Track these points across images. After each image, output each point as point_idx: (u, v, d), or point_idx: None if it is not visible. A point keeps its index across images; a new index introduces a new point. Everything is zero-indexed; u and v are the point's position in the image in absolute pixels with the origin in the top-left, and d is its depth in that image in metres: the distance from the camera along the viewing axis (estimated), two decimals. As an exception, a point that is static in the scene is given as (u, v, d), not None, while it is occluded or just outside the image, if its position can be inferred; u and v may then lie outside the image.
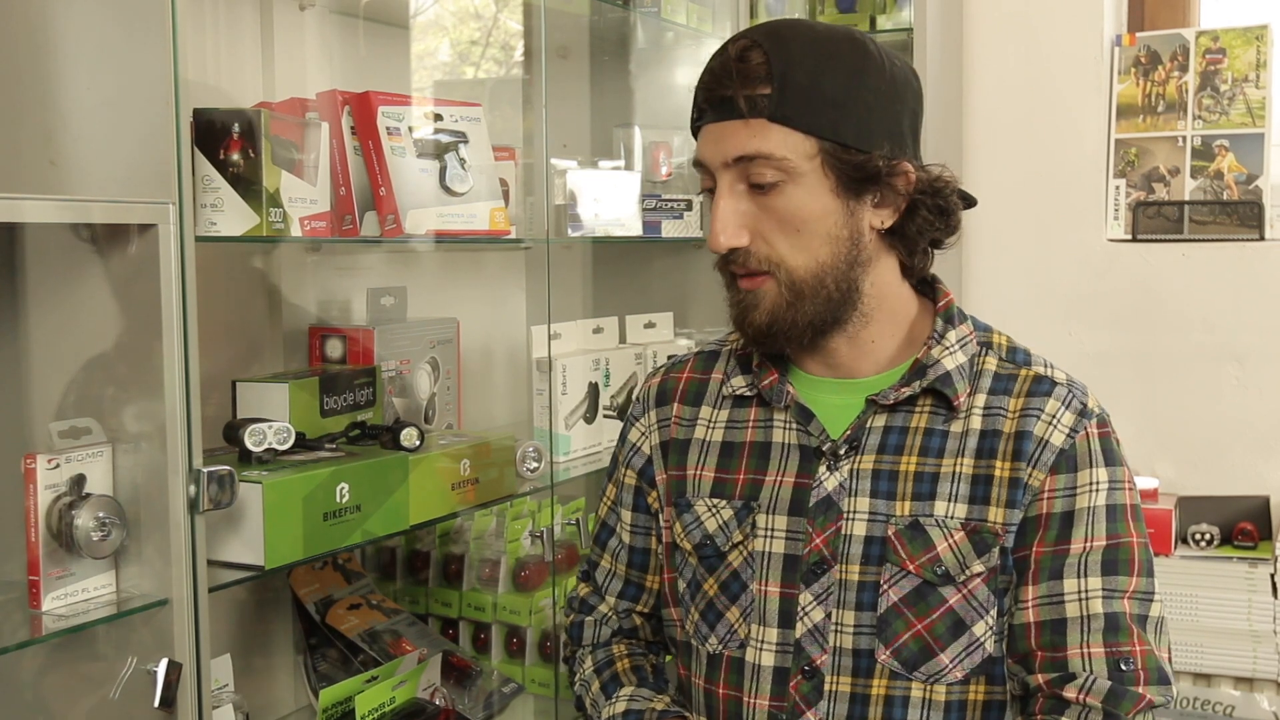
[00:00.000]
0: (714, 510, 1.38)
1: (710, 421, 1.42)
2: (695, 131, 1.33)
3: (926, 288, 1.40)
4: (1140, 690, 1.24)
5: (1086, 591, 1.27)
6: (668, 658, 1.54)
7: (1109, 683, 1.24)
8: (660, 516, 1.45)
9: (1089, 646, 1.26)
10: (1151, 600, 1.29)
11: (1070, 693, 1.24)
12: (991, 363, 1.35)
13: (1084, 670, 1.25)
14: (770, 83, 1.24)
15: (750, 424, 1.39)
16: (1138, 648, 1.26)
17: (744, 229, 1.28)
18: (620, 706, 1.41)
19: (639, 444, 1.48)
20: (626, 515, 1.49)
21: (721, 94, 1.26)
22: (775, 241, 1.28)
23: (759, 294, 1.30)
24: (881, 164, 1.26)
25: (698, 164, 1.32)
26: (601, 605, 1.52)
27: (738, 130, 1.26)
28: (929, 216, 1.31)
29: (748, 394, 1.39)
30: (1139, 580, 1.28)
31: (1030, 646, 1.28)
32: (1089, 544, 1.28)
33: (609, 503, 1.52)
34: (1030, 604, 1.28)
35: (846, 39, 1.27)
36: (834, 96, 1.24)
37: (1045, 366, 1.35)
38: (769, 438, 1.37)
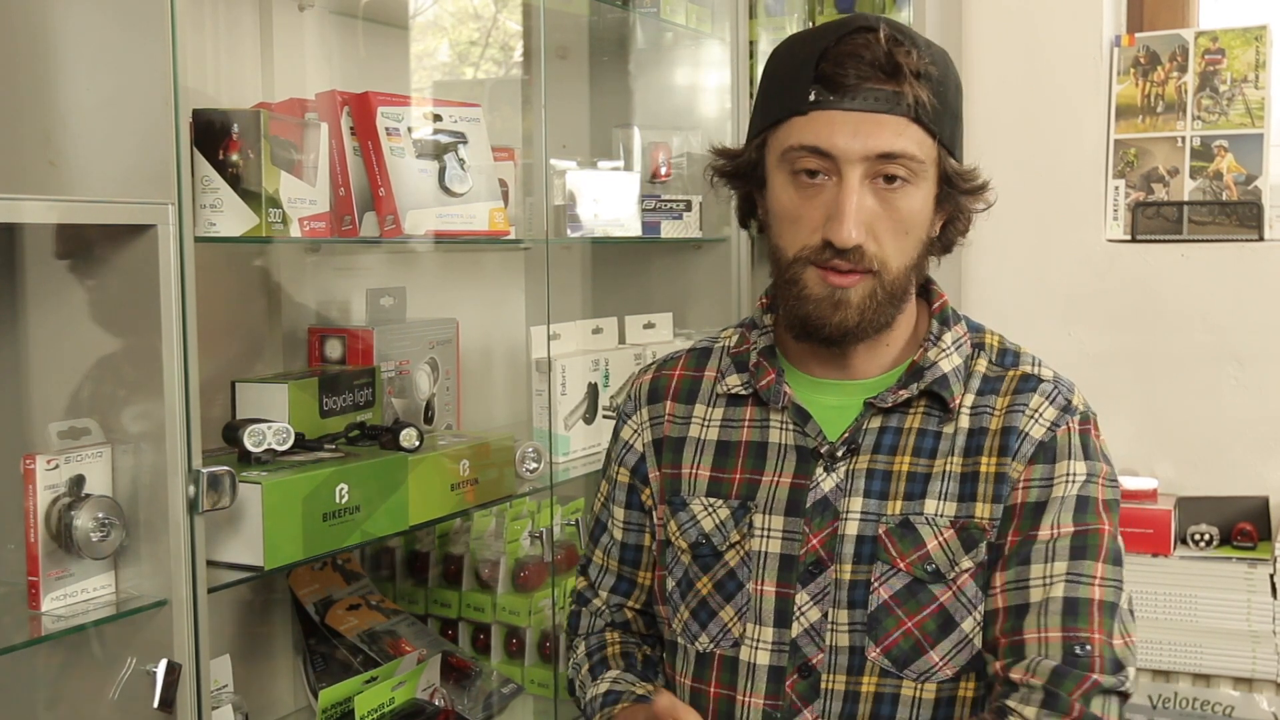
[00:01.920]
0: (710, 509, 1.38)
1: (705, 420, 1.42)
2: (794, 111, 1.27)
3: (921, 288, 1.41)
4: (1089, 673, 1.22)
5: (1051, 576, 1.27)
6: (664, 653, 1.54)
7: (1054, 663, 1.23)
8: (653, 514, 1.45)
9: (1046, 630, 1.25)
10: (1120, 589, 1.29)
11: (1017, 674, 1.24)
12: (982, 364, 1.37)
13: (1038, 653, 1.24)
14: (922, 82, 1.24)
15: (746, 423, 1.39)
16: (1096, 635, 1.24)
17: (864, 225, 1.26)
18: (603, 687, 1.42)
19: (631, 441, 1.48)
20: (619, 512, 1.49)
21: (876, 85, 1.23)
22: (885, 241, 1.27)
23: (850, 292, 1.27)
24: (980, 177, 1.32)
25: (812, 149, 1.26)
26: (596, 599, 1.53)
27: (887, 125, 1.24)
28: (965, 222, 1.36)
29: (743, 393, 1.39)
30: (1106, 567, 1.28)
31: (995, 634, 1.28)
32: (1056, 530, 1.28)
33: (602, 499, 1.52)
34: (999, 590, 1.29)
35: (944, 49, 1.31)
36: (951, 105, 1.29)
37: (1033, 365, 1.37)
38: (765, 438, 1.37)
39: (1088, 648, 1.24)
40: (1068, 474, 1.30)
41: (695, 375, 1.45)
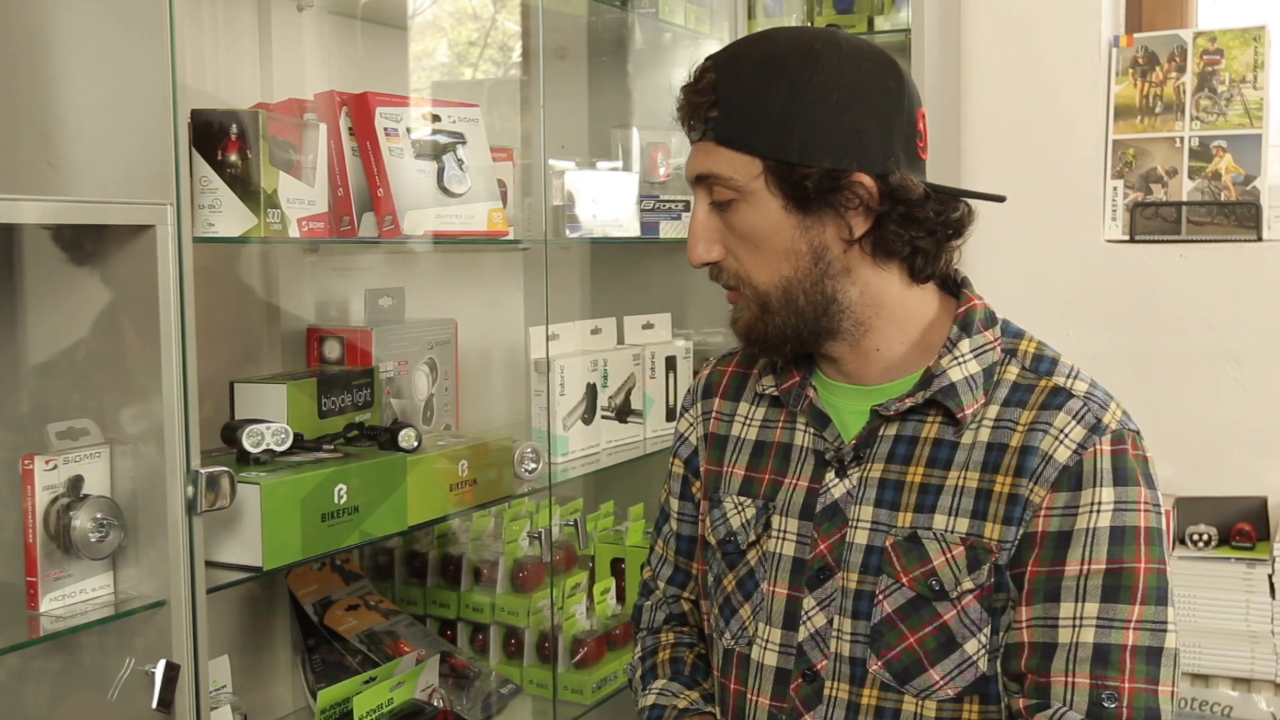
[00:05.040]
0: (740, 508, 1.39)
1: (746, 419, 1.43)
2: None
3: (955, 292, 1.37)
4: None
5: (1081, 618, 1.21)
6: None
7: (1079, 716, 1.18)
8: (701, 506, 1.48)
9: (1074, 675, 1.20)
10: (1163, 631, 1.21)
11: None
12: (1012, 372, 1.31)
13: (1063, 701, 1.20)
14: (717, 105, 1.27)
15: (780, 425, 1.40)
16: (1127, 684, 1.18)
17: (716, 244, 1.31)
18: (649, 699, 1.45)
19: (687, 434, 1.50)
20: (675, 503, 1.52)
21: (683, 117, 1.31)
22: (741, 257, 1.30)
23: (738, 307, 1.33)
24: (822, 180, 1.24)
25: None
26: (657, 590, 1.56)
27: (698, 151, 1.30)
28: (897, 228, 1.27)
29: (775, 394, 1.40)
30: (1144, 609, 1.20)
31: (1021, 669, 1.23)
32: (1086, 566, 1.21)
33: (665, 490, 1.55)
34: (1024, 625, 1.24)
35: (798, 53, 1.25)
36: (774, 115, 1.24)
37: (1067, 378, 1.29)
38: (791, 440, 1.38)
39: (1117, 699, 1.18)
40: (1094, 502, 1.22)
41: (745, 372, 1.47)
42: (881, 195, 1.26)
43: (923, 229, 1.29)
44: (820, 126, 1.24)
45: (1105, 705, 1.18)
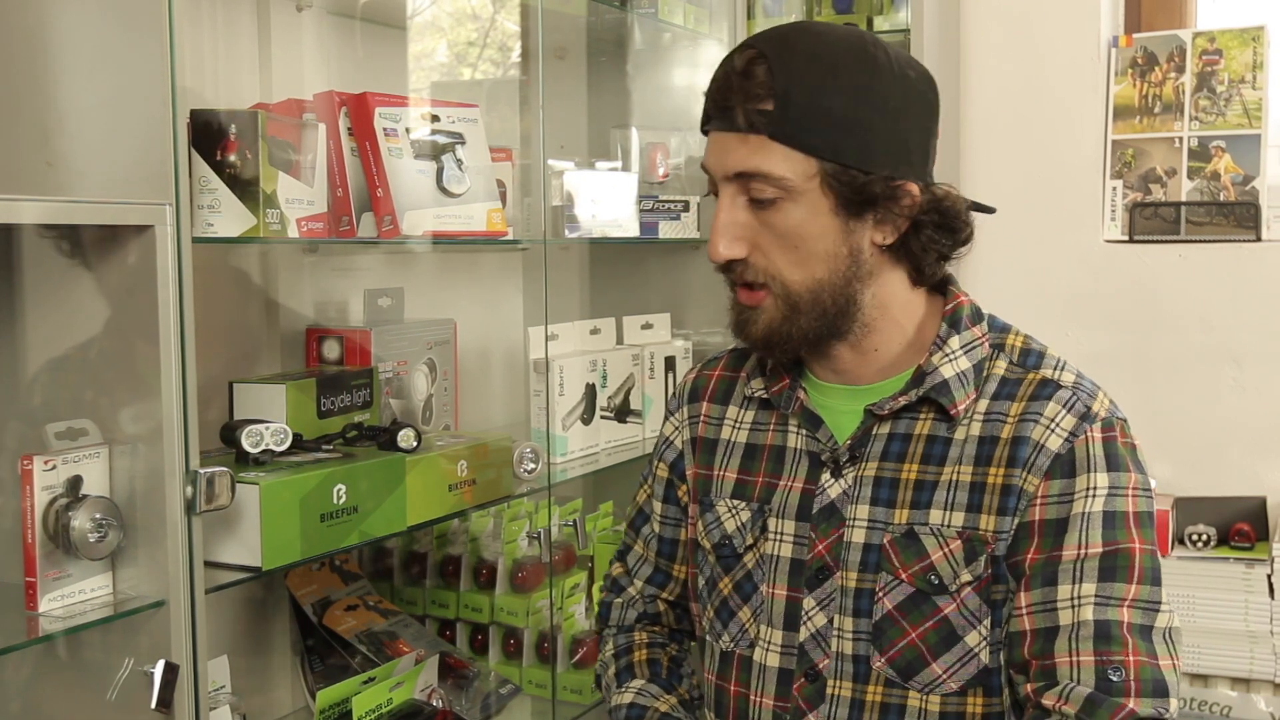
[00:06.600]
0: (734, 511, 1.39)
1: (736, 422, 1.43)
2: (704, 132, 1.31)
3: (940, 290, 1.38)
4: (1125, 700, 1.18)
5: (1079, 598, 1.22)
6: (692, 643, 1.56)
7: (1087, 690, 1.19)
8: (689, 510, 1.47)
9: (1078, 654, 1.21)
10: (1157, 610, 1.23)
11: (1049, 700, 1.20)
12: (1000, 367, 1.32)
13: (1070, 679, 1.21)
14: (772, 99, 1.22)
15: (771, 427, 1.40)
16: (1131, 658, 1.20)
17: (742, 240, 1.27)
18: (627, 698, 1.44)
19: (672, 438, 1.50)
20: (658, 506, 1.52)
21: (725, 104, 1.25)
22: (773, 256, 1.27)
23: (758, 310, 1.29)
24: (880, 187, 1.24)
25: (704, 167, 1.31)
26: (630, 588, 1.55)
27: (739, 145, 1.24)
28: (933, 235, 1.29)
29: (765, 397, 1.40)
30: (1139, 588, 1.22)
31: (1024, 656, 1.24)
32: (1083, 550, 1.23)
33: (646, 491, 1.54)
34: (1024, 611, 1.25)
35: (855, 51, 1.24)
36: (836, 116, 1.22)
37: (1055, 369, 1.31)
38: (784, 442, 1.38)
39: (1122, 672, 1.19)
40: (1089, 488, 1.24)
41: (732, 376, 1.46)
42: (924, 204, 1.28)
43: (954, 238, 1.32)
44: (879, 132, 1.24)
45: (1111, 679, 1.19)
